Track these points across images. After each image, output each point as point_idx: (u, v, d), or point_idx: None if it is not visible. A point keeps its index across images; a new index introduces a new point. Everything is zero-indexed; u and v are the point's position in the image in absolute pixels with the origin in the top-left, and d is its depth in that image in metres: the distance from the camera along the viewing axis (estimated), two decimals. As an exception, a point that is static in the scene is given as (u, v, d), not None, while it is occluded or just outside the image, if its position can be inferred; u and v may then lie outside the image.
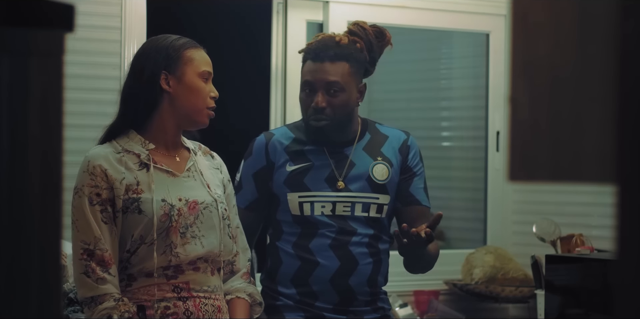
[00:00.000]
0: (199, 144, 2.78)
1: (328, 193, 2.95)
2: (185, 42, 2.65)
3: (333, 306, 2.93)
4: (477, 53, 4.82)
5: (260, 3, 4.40)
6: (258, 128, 4.32)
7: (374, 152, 3.02)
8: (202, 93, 2.62)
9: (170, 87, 2.59)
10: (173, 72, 2.60)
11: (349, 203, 2.96)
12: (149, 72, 2.59)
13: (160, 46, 2.63)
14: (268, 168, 2.98)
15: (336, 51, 2.93)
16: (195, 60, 2.63)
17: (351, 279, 2.94)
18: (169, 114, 2.61)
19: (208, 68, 2.65)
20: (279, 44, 4.23)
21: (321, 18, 4.28)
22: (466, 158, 5.00)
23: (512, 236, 4.61)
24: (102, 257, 2.49)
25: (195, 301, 2.57)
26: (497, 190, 4.64)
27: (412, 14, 4.43)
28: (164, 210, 2.53)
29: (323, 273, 2.92)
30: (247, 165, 3.02)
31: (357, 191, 2.96)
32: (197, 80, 2.62)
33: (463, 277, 4.42)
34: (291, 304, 2.94)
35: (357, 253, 2.95)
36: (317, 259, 2.92)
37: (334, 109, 2.93)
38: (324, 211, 2.94)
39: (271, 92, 4.26)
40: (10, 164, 1.09)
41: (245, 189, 3.00)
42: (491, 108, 4.64)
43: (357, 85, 2.97)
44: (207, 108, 2.63)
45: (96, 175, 2.52)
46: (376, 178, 2.98)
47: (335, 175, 2.97)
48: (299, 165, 2.97)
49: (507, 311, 4.39)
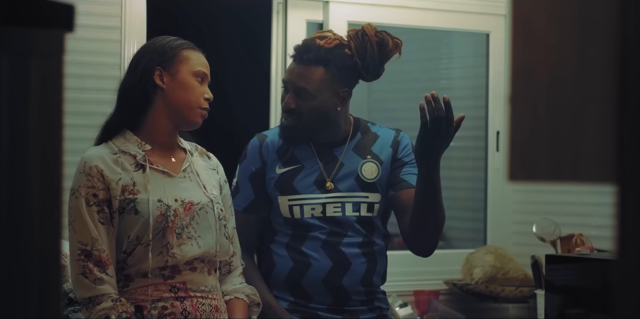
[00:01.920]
0: (196, 145, 2.79)
1: (317, 195, 2.94)
2: (183, 43, 2.66)
3: (327, 306, 2.93)
4: (477, 53, 4.82)
5: (260, 3, 4.40)
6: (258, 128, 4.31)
7: (363, 151, 3.00)
8: (194, 91, 2.62)
9: (163, 83, 2.60)
10: (167, 69, 2.61)
11: (339, 204, 2.94)
12: (143, 67, 2.61)
13: (157, 45, 2.65)
14: (262, 171, 2.98)
15: (315, 55, 2.90)
16: (191, 60, 2.64)
17: (344, 280, 2.93)
18: (162, 112, 2.62)
19: (203, 69, 2.65)
20: (279, 43, 4.23)
21: (321, 18, 4.28)
22: (466, 158, 5.00)
23: (512, 236, 4.61)
24: (100, 258, 2.49)
25: (193, 301, 2.57)
26: (497, 190, 4.64)
27: (412, 14, 4.43)
28: (160, 211, 2.53)
29: (316, 274, 2.91)
30: (243, 168, 3.01)
31: (346, 191, 2.95)
32: (190, 78, 2.62)
33: (463, 277, 4.42)
34: (285, 306, 2.94)
35: (349, 253, 2.94)
36: (309, 260, 2.92)
37: (302, 112, 2.92)
38: (314, 213, 2.93)
39: (271, 92, 4.26)
40: (10, 164, 1.09)
41: (242, 192, 2.99)
42: (491, 108, 4.64)
43: (336, 91, 2.93)
44: (200, 108, 2.63)
45: (92, 175, 2.52)
46: (365, 176, 2.97)
47: (323, 177, 2.96)
48: (288, 167, 2.96)
49: (507, 311, 4.39)
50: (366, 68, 2.96)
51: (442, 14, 4.50)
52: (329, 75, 2.91)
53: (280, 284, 2.95)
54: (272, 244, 2.98)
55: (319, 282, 2.92)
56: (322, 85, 2.90)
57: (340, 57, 2.92)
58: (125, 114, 2.62)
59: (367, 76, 2.98)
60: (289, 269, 2.93)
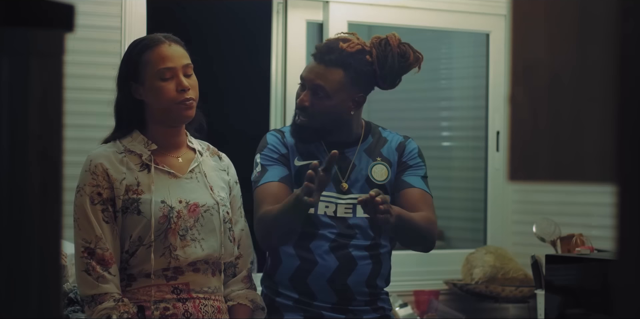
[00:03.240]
0: (208, 145, 2.78)
1: (332, 194, 2.94)
2: (145, 44, 2.64)
3: (331, 305, 2.93)
4: (477, 53, 4.81)
5: (260, 3, 4.39)
6: (258, 128, 4.31)
7: (374, 153, 3.02)
8: (162, 92, 2.59)
9: (141, 95, 2.62)
10: (140, 81, 2.62)
11: (350, 206, 2.95)
12: (121, 86, 2.65)
13: (127, 55, 2.67)
14: (288, 156, 2.96)
15: (336, 57, 2.91)
16: (152, 61, 2.61)
17: (349, 279, 2.93)
18: (153, 118, 2.64)
19: (165, 64, 2.60)
20: (279, 44, 4.23)
21: (321, 18, 4.28)
22: (466, 158, 5.00)
23: (512, 236, 4.61)
24: (103, 256, 2.49)
25: (195, 302, 2.56)
26: (497, 190, 4.64)
27: (412, 14, 4.43)
28: (162, 212, 2.53)
29: (321, 273, 2.92)
30: (267, 153, 2.96)
31: (357, 192, 2.96)
32: (155, 81, 2.60)
33: (463, 277, 4.42)
34: (290, 304, 2.94)
35: (356, 254, 2.94)
36: (316, 259, 2.92)
37: (315, 111, 2.92)
38: (327, 211, 2.94)
39: (271, 92, 4.25)
40: (10, 164, 1.09)
41: (273, 169, 2.94)
42: (491, 108, 4.64)
43: (352, 94, 2.94)
44: (177, 103, 2.60)
45: (97, 174, 2.53)
46: (375, 178, 2.98)
47: (338, 177, 2.96)
48: (306, 161, 2.95)
49: (507, 311, 4.38)
50: (384, 77, 2.97)
51: (442, 14, 4.50)
52: (347, 79, 2.92)
53: (286, 282, 2.95)
54: None
55: (324, 281, 2.92)
56: (339, 87, 2.91)
57: (360, 63, 2.93)
58: (125, 129, 2.65)
59: (383, 85, 3.00)
60: (295, 267, 2.93)
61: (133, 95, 2.61)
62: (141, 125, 2.64)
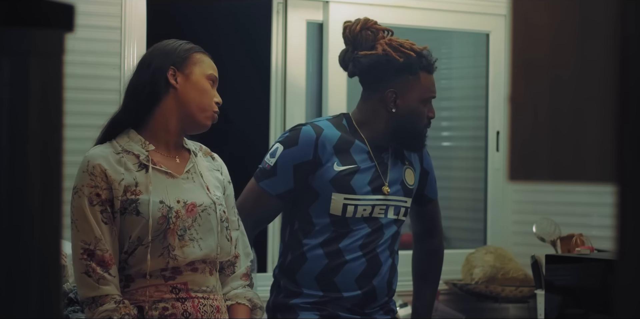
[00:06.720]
0: (200, 145, 2.78)
1: (370, 197, 2.95)
2: (194, 46, 2.68)
3: (352, 306, 2.94)
4: (477, 53, 4.82)
5: (260, 3, 4.40)
6: (258, 128, 4.31)
7: (402, 157, 3.08)
8: (207, 93, 2.63)
9: (177, 83, 2.60)
10: (181, 70, 2.61)
11: (384, 206, 2.98)
12: (157, 65, 2.60)
13: (169, 47, 2.65)
14: (313, 164, 2.92)
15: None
16: (204, 63, 2.65)
17: (375, 280, 2.95)
18: (173, 112, 2.61)
19: (215, 73, 2.67)
20: (279, 44, 4.23)
21: (321, 18, 4.28)
22: (466, 158, 5.00)
23: (512, 236, 4.61)
24: (103, 258, 2.48)
25: (194, 302, 2.56)
26: (497, 190, 4.64)
27: (412, 14, 4.43)
28: (161, 212, 2.52)
29: (350, 273, 2.92)
30: (289, 154, 2.94)
31: (393, 194, 3.01)
32: (204, 80, 2.63)
33: (463, 277, 4.42)
34: (309, 301, 2.93)
35: (381, 254, 2.97)
36: (345, 258, 2.93)
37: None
38: (364, 214, 2.95)
39: (271, 92, 4.25)
40: (10, 164, 1.09)
41: (280, 177, 2.94)
42: (491, 108, 4.64)
43: None
44: (209, 110, 2.63)
45: (96, 175, 2.51)
46: (407, 182, 3.06)
47: (380, 179, 2.98)
48: (346, 166, 2.94)
49: (507, 311, 4.39)
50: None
51: (442, 14, 4.50)
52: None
53: (311, 280, 2.93)
54: (307, 238, 2.95)
55: (352, 281, 2.93)
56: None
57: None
58: (133, 112, 2.60)
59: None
60: (322, 266, 2.92)
61: (168, 78, 2.59)
62: (150, 112, 2.60)
